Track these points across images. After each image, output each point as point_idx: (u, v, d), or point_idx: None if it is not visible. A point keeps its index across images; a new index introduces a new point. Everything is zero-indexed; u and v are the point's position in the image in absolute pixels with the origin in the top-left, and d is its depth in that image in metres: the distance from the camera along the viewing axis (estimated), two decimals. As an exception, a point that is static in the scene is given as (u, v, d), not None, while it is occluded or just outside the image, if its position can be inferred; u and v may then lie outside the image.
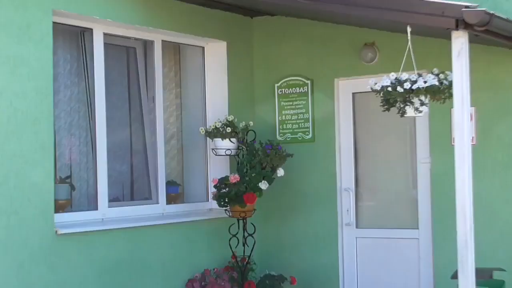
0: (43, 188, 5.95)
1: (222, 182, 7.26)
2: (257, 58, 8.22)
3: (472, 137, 5.69)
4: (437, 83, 5.33)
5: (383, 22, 6.28)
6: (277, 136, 8.01)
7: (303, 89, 7.91)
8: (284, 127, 8.02)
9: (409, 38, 5.49)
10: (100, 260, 6.40)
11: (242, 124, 7.53)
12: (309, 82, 7.87)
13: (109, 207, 6.77)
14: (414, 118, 6.73)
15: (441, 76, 5.39)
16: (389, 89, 5.41)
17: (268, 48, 8.14)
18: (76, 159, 6.80)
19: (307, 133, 7.88)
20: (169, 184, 7.56)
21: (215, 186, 7.32)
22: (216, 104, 7.91)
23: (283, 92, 8.04)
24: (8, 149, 5.69)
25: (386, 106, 5.56)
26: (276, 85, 8.07)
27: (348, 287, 7.70)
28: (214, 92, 7.95)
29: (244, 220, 7.46)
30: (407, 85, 5.33)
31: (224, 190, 7.22)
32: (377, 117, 7.10)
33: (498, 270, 6.06)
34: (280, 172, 7.41)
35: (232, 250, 7.42)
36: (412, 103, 5.40)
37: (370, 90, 5.64)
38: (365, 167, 7.75)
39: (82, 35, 6.81)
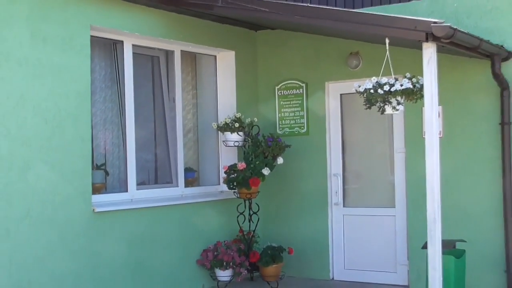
0: (83, 173, 6.02)
1: (231, 169, 7.30)
2: (260, 65, 8.24)
3: (440, 131, 5.71)
4: (411, 86, 5.35)
5: (366, 35, 6.32)
6: (277, 130, 8.03)
7: (299, 91, 7.93)
8: (283, 122, 8.05)
9: (387, 48, 5.51)
10: (129, 233, 6.46)
11: (248, 120, 7.55)
12: (304, 85, 7.90)
13: (137, 189, 6.81)
14: (391, 115, 6.76)
15: (414, 80, 5.40)
16: (371, 91, 5.44)
17: (269, 56, 8.16)
18: (109, 149, 6.84)
19: (302, 127, 7.91)
20: (187, 170, 7.59)
21: (225, 172, 7.35)
22: (226, 103, 7.92)
23: (282, 93, 8.06)
24: (53, 141, 5.77)
25: (368, 105, 5.58)
26: (276, 87, 8.10)
27: (336, 256, 7.74)
28: (224, 93, 7.96)
29: (250, 201, 7.48)
30: (386, 88, 5.35)
31: (233, 176, 7.26)
32: (361, 114, 7.14)
33: (460, 241, 6.11)
34: (280, 160, 7.45)
35: (239, 226, 7.47)
36: (390, 102, 5.42)
37: (355, 91, 5.67)
38: (351, 156, 7.76)
39: (114, 46, 6.84)
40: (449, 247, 5.83)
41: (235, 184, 7.27)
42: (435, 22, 5.13)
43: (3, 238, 5.37)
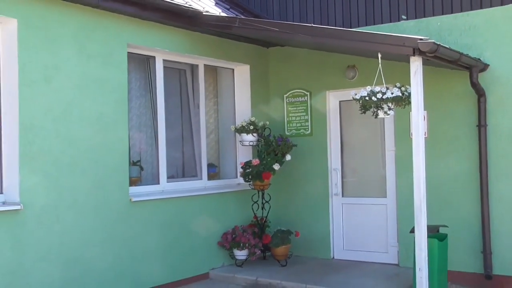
0: (121, 169, 6.01)
1: (247, 165, 7.28)
2: (271, 76, 8.18)
3: (425, 132, 5.66)
4: (400, 94, 5.32)
5: (361, 50, 6.25)
6: (286, 131, 7.98)
7: (304, 98, 7.87)
8: (291, 125, 7.99)
9: (379, 61, 5.48)
10: (161, 219, 6.45)
11: (261, 123, 7.52)
12: (308, 93, 7.84)
13: (167, 182, 6.80)
14: (383, 118, 6.73)
15: (403, 89, 5.37)
16: (366, 98, 5.42)
17: (279, 69, 8.11)
18: (144, 148, 6.82)
19: (307, 129, 7.85)
20: (210, 166, 7.57)
21: (242, 167, 7.34)
22: (242, 109, 7.89)
23: (290, 100, 8.01)
24: (96, 142, 5.77)
25: (363, 110, 5.55)
26: (285, 95, 8.05)
27: (336, 239, 7.68)
28: (241, 100, 7.93)
29: (263, 191, 7.47)
30: (378, 95, 5.33)
31: (248, 170, 7.24)
32: (357, 118, 7.08)
33: (442, 226, 6.06)
34: (288, 157, 7.41)
35: (254, 212, 7.46)
36: (382, 108, 5.39)
37: (352, 99, 5.63)
38: (348, 153, 7.70)
39: (148, 61, 6.82)
40: (433, 231, 5.79)
41: (250, 177, 7.26)
42: (421, 39, 5.10)
43: (54, 223, 5.37)
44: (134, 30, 6.20)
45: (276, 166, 7.24)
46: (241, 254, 7.13)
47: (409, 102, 5.33)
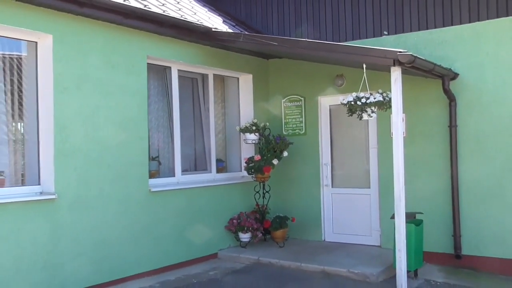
0: (142, 163, 5.97)
1: (250, 160, 7.24)
2: (271, 84, 8.13)
3: (404, 132, 5.62)
4: (382, 99, 5.30)
5: (348, 61, 6.21)
6: (283, 131, 7.93)
7: (299, 103, 7.83)
8: (288, 126, 7.93)
9: (364, 71, 5.45)
10: (176, 207, 6.41)
11: (262, 124, 7.50)
12: (303, 98, 7.79)
13: (181, 175, 6.76)
14: (367, 120, 6.69)
15: (384, 94, 5.34)
16: (352, 102, 5.39)
17: (278, 78, 8.05)
18: (161, 146, 6.76)
19: (301, 129, 7.80)
20: (218, 161, 7.52)
21: (245, 162, 7.30)
22: (246, 112, 7.84)
23: (287, 104, 7.96)
24: (120, 141, 5.72)
25: (350, 113, 5.51)
26: (282, 100, 8.00)
27: (327, 224, 7.63)
28: (244, 105, 7.87)
29: (263, 183, 7.44)
30: (363, 100, 5.31)
31: (251, 165, 7.21)
32: (345, 120, 7.05)
33: (418, 213, 6.03)
34: (285, 153, 7.36)
35: (256, 201, 7.43)
36: (366, 111, 5.37)
37: (340, 103, 5.61)
38: (337, 150, 7.64)
39: (164, 71, 6.77)
40: (410, 217, 5.75)
41: (253, 171, 7.23)
42: (400, 52, 5.07)
43: (84, 211, 5.35)
44: (153, 44, 6.16)
45: (275, 161, 7.20)
46: (245, 236, 7.10)
47: (390, 106, 5.30)
